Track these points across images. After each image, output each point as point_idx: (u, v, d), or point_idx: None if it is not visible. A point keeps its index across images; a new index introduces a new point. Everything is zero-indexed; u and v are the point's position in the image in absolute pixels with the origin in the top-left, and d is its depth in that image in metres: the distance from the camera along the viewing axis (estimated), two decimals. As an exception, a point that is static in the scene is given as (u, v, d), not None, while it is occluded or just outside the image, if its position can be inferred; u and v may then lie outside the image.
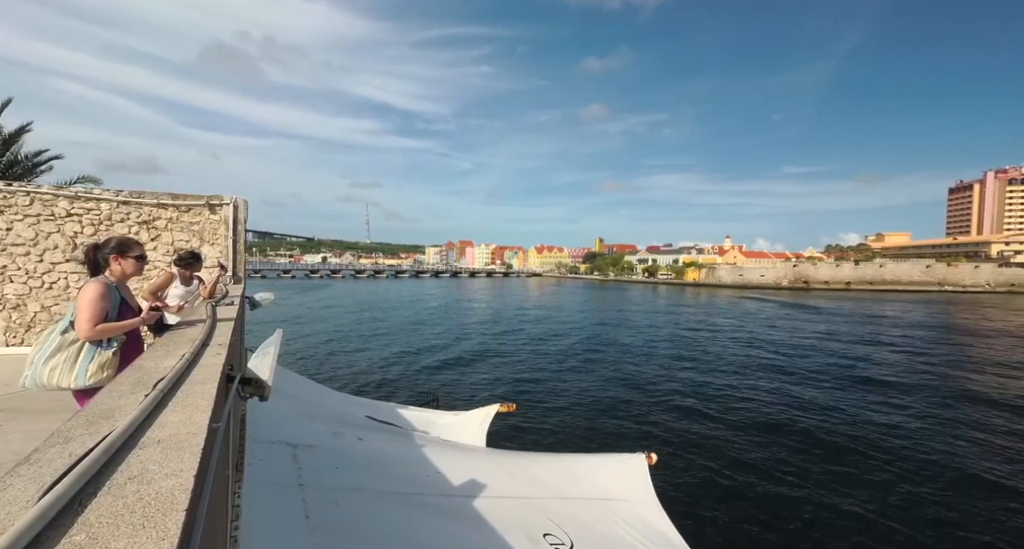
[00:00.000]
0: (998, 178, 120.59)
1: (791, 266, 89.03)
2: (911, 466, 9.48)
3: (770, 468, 9.33)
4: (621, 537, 3.63)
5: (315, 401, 5.76)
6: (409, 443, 4.88)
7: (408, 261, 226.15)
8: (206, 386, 1.27)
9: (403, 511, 2.98)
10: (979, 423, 12.15)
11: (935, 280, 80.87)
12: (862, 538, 7.01)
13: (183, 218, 6.37)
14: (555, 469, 4.62)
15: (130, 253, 2.66)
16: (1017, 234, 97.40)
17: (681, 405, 13.50)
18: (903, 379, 16.96)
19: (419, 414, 7.19)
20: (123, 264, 2.63)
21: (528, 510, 3.54)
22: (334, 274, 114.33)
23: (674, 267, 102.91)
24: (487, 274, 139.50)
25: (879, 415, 12.71)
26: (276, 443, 3.47)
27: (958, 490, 8.50)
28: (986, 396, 14.76)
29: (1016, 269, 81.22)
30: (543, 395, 14.36)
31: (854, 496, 8.24)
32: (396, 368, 17.79)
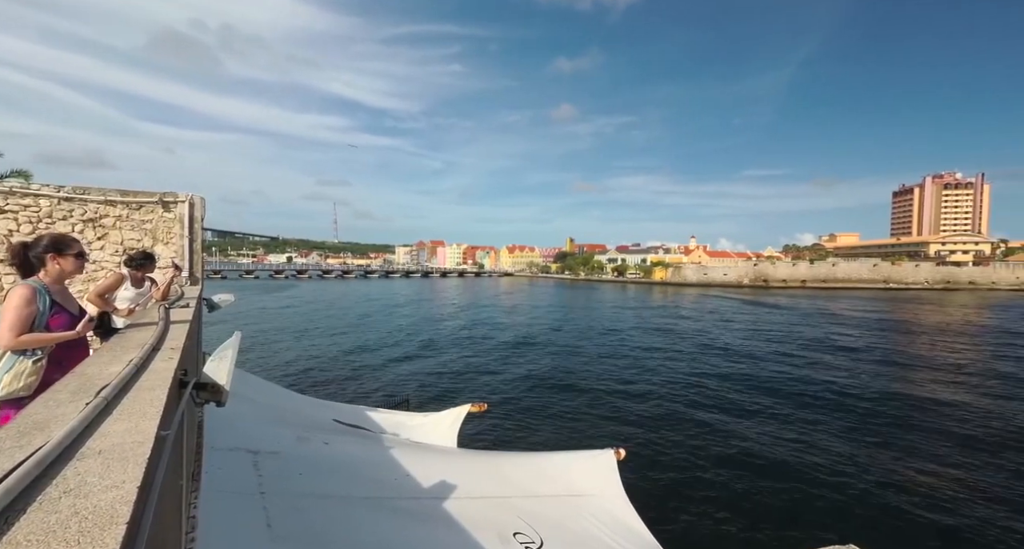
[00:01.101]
0: (935, 183, 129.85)
1: (752, 265, 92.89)
2: (864, 451, 10.08)
3: (733, 460, 9.70)
4: (590, 532, 3.69)
5: (279, 406, 5.56)
6: (378, 446, 4.78)
7: (378, 261, 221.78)
8: (155, 392, 1.20)
9: (371, 516, 2.92)
10: (919, 412, 13.07)
11: (881, 278, 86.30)
12: (821, 523, 7.39)
13: (134, 216, 6.02)
14: (526, 468, 4.64)
15: (68, 251, 2.47)
16: (952, 235, 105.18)
17: (649, 401, 13.84)
18: (852, 372, 18.01)
19: (389, 416, 7.06)
20: (61, 263, 2.45)
21: (499, 509, 3.54)
22: (300, 274, 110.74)
23: (642, 266, 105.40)
24: (459, 274, 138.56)
25: (835, 407, 13.44)
26: (236, 450, 3.33)
27: (912, 470, 9.10)
28: (922, 388, 15.89)
29: (951, 267, 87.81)
30: (515, 394, 14.41)
31: (815, 484, 8.68)
32: (366, 370, 17.42)
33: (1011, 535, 7.08)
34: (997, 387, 15.83)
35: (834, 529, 6.98)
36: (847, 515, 7.61)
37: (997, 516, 7.60)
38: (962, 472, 9.19)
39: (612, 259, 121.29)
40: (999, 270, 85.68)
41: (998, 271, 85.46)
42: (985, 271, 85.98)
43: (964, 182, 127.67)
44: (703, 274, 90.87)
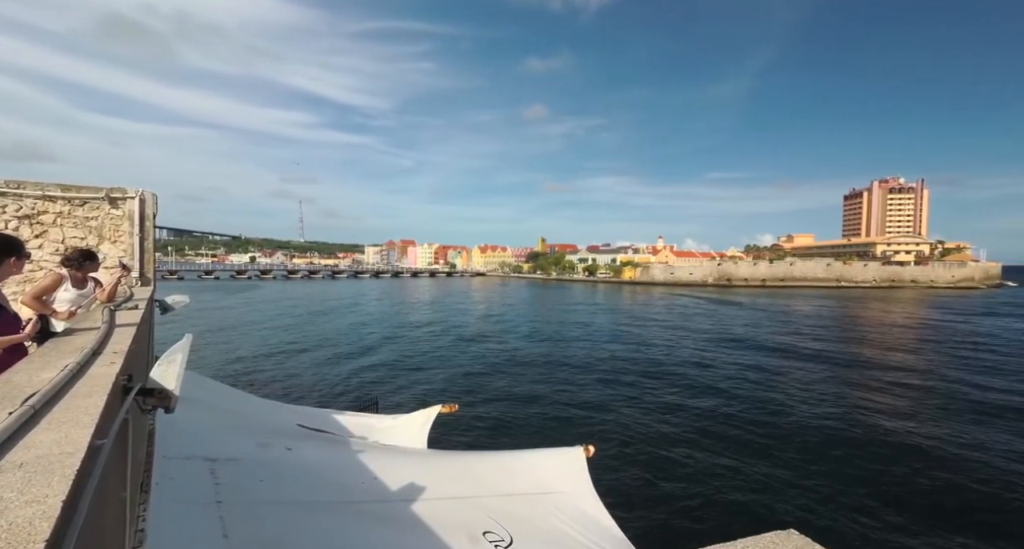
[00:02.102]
0: (881, 187, 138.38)
1: (716, 265, 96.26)
2: (809, 442, 10.62)
3: (695, 452, 10.01)
4: (560, 529, 3.71)
5: (239, 411, 5.34)
6: (344, 450, 4.66)
7: (346, 261, 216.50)
8: (91, 399, 1.12)
9: (336, 521, 2.84)
10: (871, 401, 13.89)
11: (834, 277, 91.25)
12: (786, 510, 7.72)
13: (77, 213, 5.63)
14: (496, 467, 4.63)
15: (23, 253, 2.32)
16: (896, 236, 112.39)
17: (618, 398, 14.11)
18: (805, 369, 18.95)
19: (357, 419, 6.90)
20: (16, 267, 2.29)
21: (468, 509, 3.51)
22: (264, 275, 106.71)
23: (612, 266, 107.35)
24: (430, 274, 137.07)
25: (794, 398, 14.10)
26: (191, 459, 3.17)
27: (865, 459, 9.64)
28: (869, 375, 16.92)
29: (896, 267, 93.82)
30: (486, 394, 14.37)
31: (764, 474, 9.06)
32: (333, 373, 16.97)
33: (943, 517, 7.62)
34: (932, 378, 17.03)
35: (778, 515, 7.39)
36: (791, 502, 8.03)
37: (929, 500, 8.17)
38: (896, 459, 9.83)
39: (583, 259, 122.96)
40: (937, 269, 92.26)
41: (936, 270, 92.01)
42: (925, 270, 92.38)
43: (907, 187, 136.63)
44: (670, 274, 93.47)
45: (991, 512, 7.74)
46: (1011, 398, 14.21)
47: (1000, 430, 11.46)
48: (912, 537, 7.03)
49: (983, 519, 7.53)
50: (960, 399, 14.16)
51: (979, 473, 9.07)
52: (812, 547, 1.35)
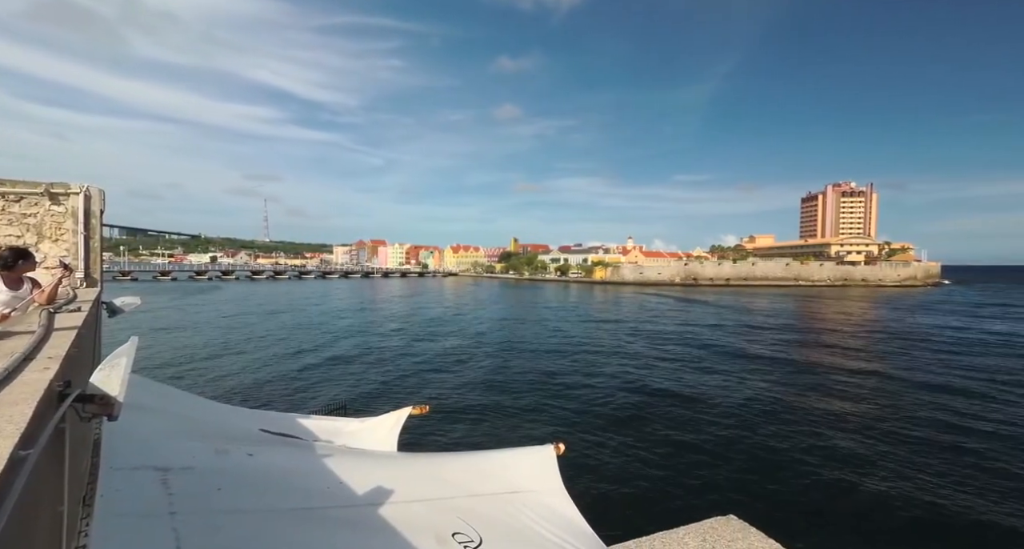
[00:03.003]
0: (835, 191, 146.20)
1: (683, 265, 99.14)
2: (763, 433, 11.10)
3: (658, 447, 10.29)
4: (530, 527, 3.73)
5: (196, 417, 5.09)
6: (310, 454, 4.53)
7: (314, 261, 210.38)
8: (17, 407, 1.04)
9: (298, 528, 2.75)
10: (813, 395, 14.63)
11: (792, 276, 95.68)
12: (728, 498, 8.02)
13: (12, 209, 5.23)
14: (466, 467, 4.60)
15: None
16: (848, 238, 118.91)
17: (589, 396, 14.32)
18: (764, 363, 19.79)
19: (323, 423, 6.71)
20: None
21: (437, 511, 3.48)
22: (225, 275, 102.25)
23: (584, 266, 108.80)
24: (401, 274, 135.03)
25: (750, 393, 14.68)
26: (142, 469, 3.00)
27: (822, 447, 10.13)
28: (816, 371, 17.83)
29: (848, 266, 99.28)
30: (458, 394, 14.29)
31: (725, 465, 9.41)
32: (299, 376, 16.46)
33: (873, 505, 8.12)
34: (873, 371, 18.12)
35: (723, 502, 7.74)
36: (737, 490, 8.46)
37: (867, 488, 8.69)
38: (837, 447, 10.42)
39: (555, 259, 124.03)
40: (885, 269, 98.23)
41: (884, 270, 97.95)
42: (874, 270, 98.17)
43: (858, 191, 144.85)
44: (639, 273, 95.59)
45: (921, 499, 8.31)
46: (938, 382, 15.30)
47: (929, 417, 12.32)
48: (841, 522, 7.47)
49: (914, 509, 8.07)
50: (897, 390, 15.13)
51: (909, 461, 9.71)
52: (747, 530, 1.43)
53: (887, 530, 7.26)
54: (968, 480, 8.78)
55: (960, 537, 7.09)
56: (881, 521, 7.49)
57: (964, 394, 14.59)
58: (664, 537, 1.48)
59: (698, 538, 1.44)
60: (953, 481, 8.75)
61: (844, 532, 7.21)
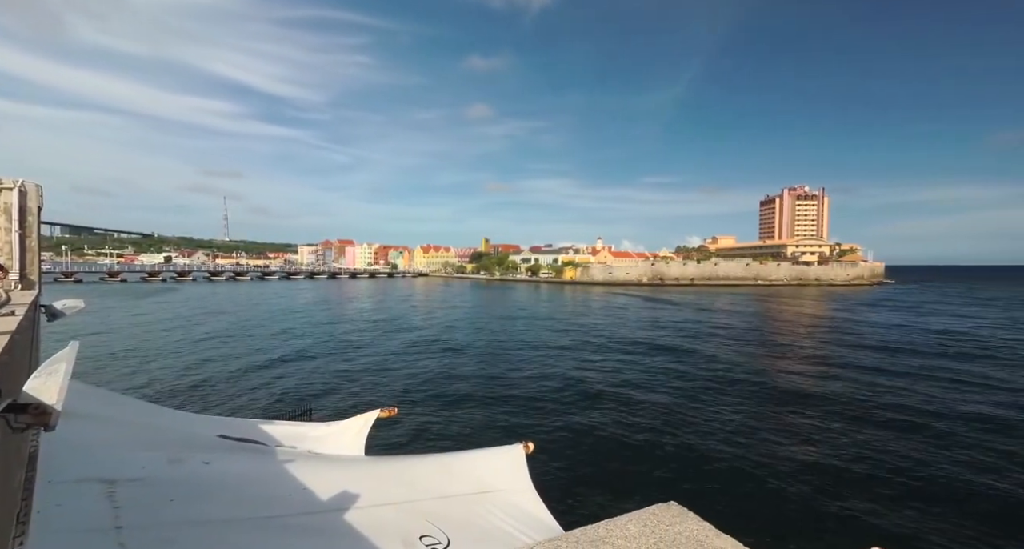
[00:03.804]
0: (791, 194, 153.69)
1: (650, 265, 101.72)
2: (715, 426, 11.56)
3: (624, 442, 10.53)
4: (499, 527, 3.74)
5: (148, 425, 4.83)
6: (271, 461, 4.38)
7: (278, 261, 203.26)
8: (-60, 417, 0.96)
9: (258, 537, 2.66)
10: (773, 388, 15.34)
11: (752, 276, 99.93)
12: (689, 488, 8.31)
13: (-64, 203, 4.80)
14: (434, 469, 4.57)
15: None
16: (803, 239, 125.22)
17: (556, 394, 14.48)
18: (726, 360, 20.58)
19: (288, 428, 6.50)
20: None
21: (405, 514, 3.44)
22: (181, 277, 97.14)
23: (554, 266, 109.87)
24: (370, 275, 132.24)
25: (704, 385, 15.24)
26: (85, 481, 2.83)
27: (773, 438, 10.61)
28: (767, 364, 18.71)
29: (803, 266, 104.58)
30: (427, 396, 14.14)
31: (673, 455, 9.74)
32: (262, 381, 15.86)
33: (809, 494, 8.62)
34: (823, 364, 19.20)
35: (669, 490, 8.06)
36: (681, 479, 8.88)
37: (807, 478, 9.20)
38: (775, 437, 10.99)
39: (526, 259, 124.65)
40: (836, 269, 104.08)
41: (835, 269, 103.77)
42: (826, 269, 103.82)
43: (811, 194, 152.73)
44: (608, 273, 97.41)
45: (856, 484, 8.87)
46: (874, 373, 16.39)
47: (865, 402, 13.18)
48: (778, 509, 7.89)
49: (848, 495, 8.61)
50: (838, 381, 16.09)
51: (845, 448, 10.36)
52: (685, 514, 1.52)
53: (815, 512, 7.70)
54: (898, 460, 9.43)
55: (887, 517, 7.61)
56: (812, 504, 7.94)
57: (897, 381, 15.66)
58: (608, 524, 1.54)
59: (639, 524, 1.51)
60: (882, 461, 9.38)
61: (779, 515, 7.60)
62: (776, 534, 7.05)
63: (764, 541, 6.68)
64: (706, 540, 1.36)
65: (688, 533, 1.42)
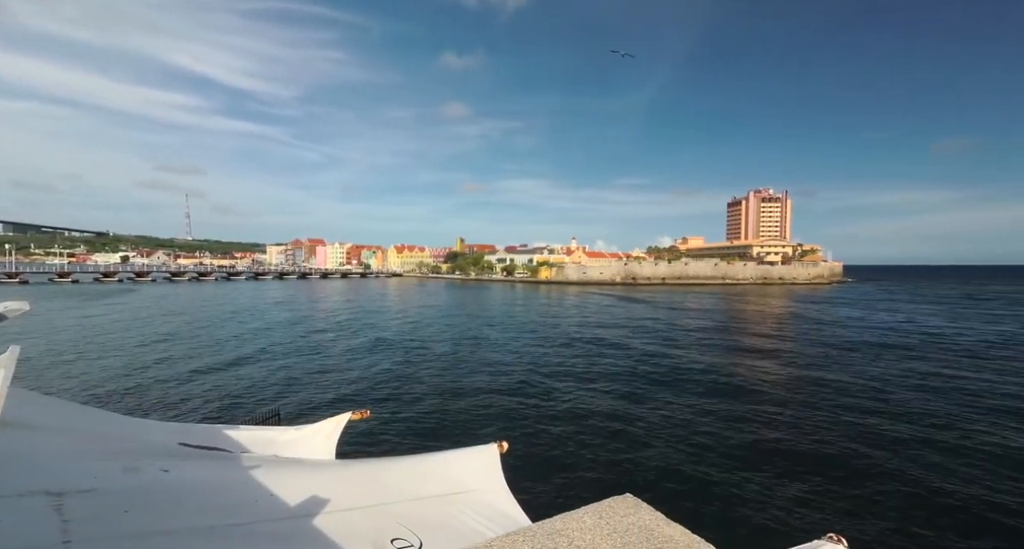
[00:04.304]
0: (756, 196, 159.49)
1: (623, 265, 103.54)
2: (675, 421, 11.91)
3: (595, 437, 10.70)
4: (472, 527, 3.73)
5: (101, 433, 4.57)
6: (236, 467, 4.23)
7: (245, 261, 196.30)
8: None
9: (221, 546, 2.57)
10: (742, 384, 15.90)
11: (720, 275, 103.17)
12: (647, 481, 8.52)
13: None
14: (408, 471, 4.52)
15: None
16: (768, 240, 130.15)
17: (532, 392, 14.56)
18: (695, 353, 21.17)
19: (254, 433, 6.27)
20: None
21: (376, 518, 3.39)
22: (139, 277, 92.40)
23: (529, 266, 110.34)
24: (342, 275, 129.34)
25: (685, 382, 15.65)
26: (28, 495, 2.66)
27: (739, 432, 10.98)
28: (730, 360, 19.40)
29: (767, 266, 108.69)
30: (400, 397, 13.97)
31: (629, 449, 9.97)
32: (227, 383, 15.29)
33: (764, 486, 9.01)
34: (786, 359, 20.04)
35: (627, 483, 8.29)
36: (634, 471, 9.15)
37: (760, 471, 9.61)
38: (736, 430, 11.44)
39: (501, 259, 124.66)
40: (798, 268, 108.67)
41: (797, 269, 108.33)
42: (789, 269, 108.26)
43: (775, 197, 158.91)
44: (583, 273, 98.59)
45: (810, 473, 9.32)
46: (831, 366, 17.26)
47: (820, 396, 13.86)
48: (732, 498, 8.22)
49: (804, 487, 9.03)
50: (797, 374, 16.84)
51: (798, 437, 10.86)
52: (640, 505, 1.58)
53: (770, 501, 8.05)
54: (849, 448, 9.96)
55: (837, 506, 8.02)
56: (766, 494, 8.29)
57: (850, 373, 16.54)
58: (565, 517, 1.60)
59: (596, 516, 1.57)
60: (835, 449, 9.89)
61: (733, 505, 7.90)
62: (728, 523, 7.31)
63: (717, 529, 6.92)
64: (656, 529, 1.41)
65: (641, 523, 1.47)
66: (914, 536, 7.08)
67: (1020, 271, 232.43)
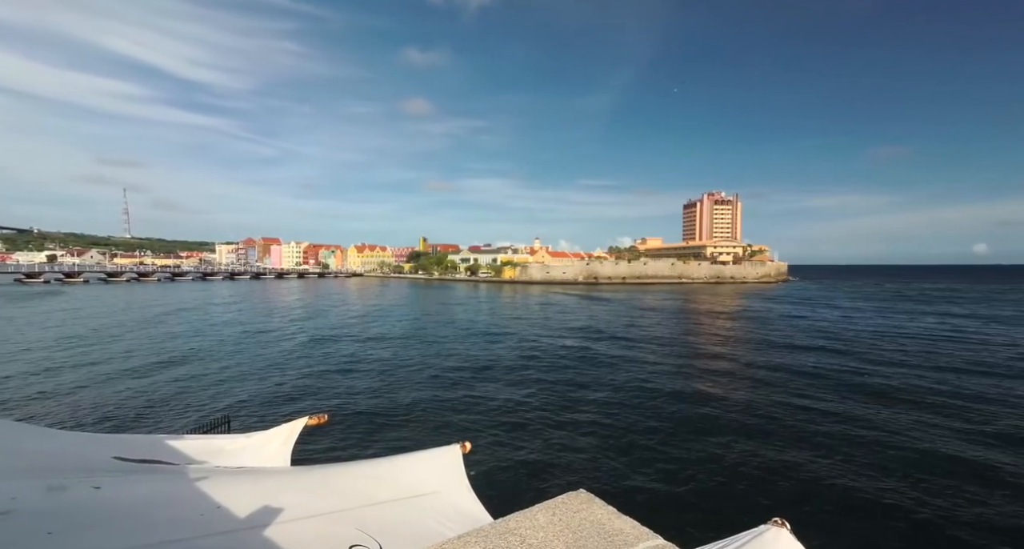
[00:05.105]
0: (709, 198, 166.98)
1: (585, 264, 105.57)
2: (639, 415, 12.33)
3: (548, 435, 10.85)
4: (433, 529, 3.67)
5: (18, 449, 4.16)
6: (180, 480, 3.97)
7: (192, 261, 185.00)
8: None
9: (160, 565, 2.40)
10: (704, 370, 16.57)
11: (677, 274, 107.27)
12: (600, 477, 8.76)
13: None
14: (368, 476, 4.39)
15: None
16: (720, 241, 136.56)
17: (496, 390, 14.56)
18: (651, 349, 21.89)
19: (201, 442, 5.91)
20: None
21: (334, 525, 3.27)
22: (69, 278, 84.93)
23: (493, 266, 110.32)
24: (299, 275, 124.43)
25: (640, 376, 16.13)
26: (-70, 522, 2.38)
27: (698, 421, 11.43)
28: (702, 346, 20.26)
29: (720, 266, 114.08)
30: (360, 400, 13.59)
31: (585, 445, 10.24)
32: (171, 391, 14.33)
33: (705, 478, 9.50)
34: (736, 355, 21.13)
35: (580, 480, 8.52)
36: (593, 468, 9.33)
37: (705, 463, 10.11)
38: (678, 428, 12.00)
39: (465, 259, 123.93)
40: (747, 267, 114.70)
41: (747, 268, 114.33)
42: (740, 269, 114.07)
43: (727, 199, 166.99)
44: (546, 273, 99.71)
45: (764, 470, 9.89)
46: (775, 359, 18.40)
47: (775, 388, 14.75)
48: (681, 490, 8.64)
49: (753, 482, 9.58)
50: (745, 370, 17.82)
51: (745, 427, 11.52)
52: (593, 501, 1.62)
53: (717, 489, 8.49)
54: (791, 434, 10.64)
55: (789, 497, 8.56)
56: (714, 481, 8.73)
57: (789, 367, 17.67)
58: (519, 516, 1.62)
59: (549, 513, 1.59)
60: (777, 436, 10.54)
61: (683, 496, 8.28)
62: (678, 513, 7.59)
63: (667, 520, 7.19)
64: (608, 523, 1.44)
65: (593, 518, 1.50)
66: (851, 515, 7.64)
67: (941, 270, 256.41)
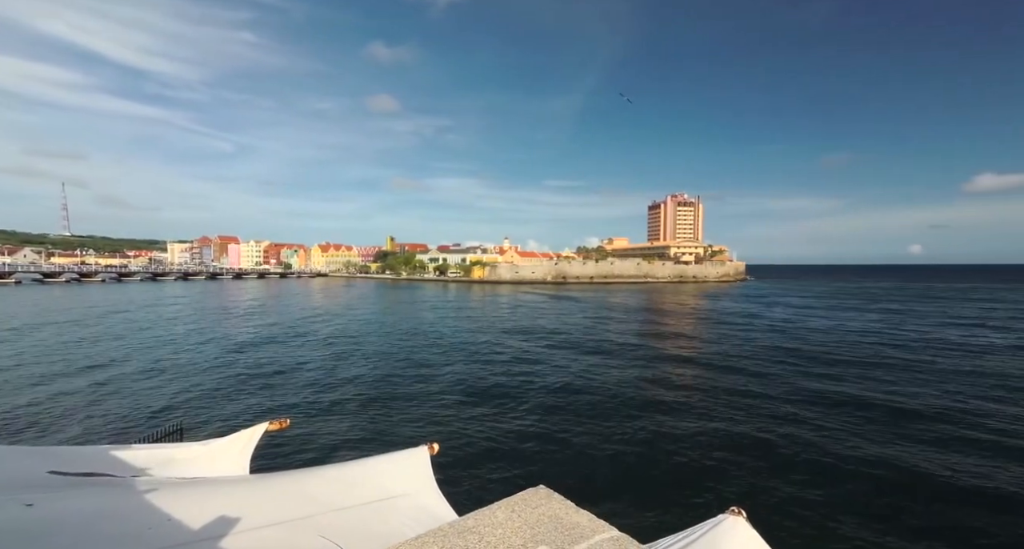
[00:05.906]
0: (673, 200, 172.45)
1: (554, 264, 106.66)
2: (601, 411, 12.62)
3: (512, 432, 10.93)
4: (401, 532, 3.62)
5: (-60, 468, 3.80)
6: (125, 493, 3.73)
7: (140, 260, 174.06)
8: None
9: (102, 584, 2.25)
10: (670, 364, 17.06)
11: (642, 274, 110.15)
12: (561, 473, 8.91)
13: None
14: (332, 481, 4.27)
15: None
16: (683, 241, 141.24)
17: (462, 391, 14.49)
18: (610, 348, 22.37)
19: (152, 452, 5.57)
20: None
21: (295, 532, 3.17)
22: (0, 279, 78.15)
23: (462, 266, 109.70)
24: (259, 275, 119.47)
25: (602, 373, 16.46)
26: None
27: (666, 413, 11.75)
28: (664, 345, 20.87)
29: (683, 266, 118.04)
30: (323, 403, 13.21)
31: (577, 443, 10.42)
32: (116, 398, 13.45)
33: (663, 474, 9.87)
34: (702, 348, 21.94)
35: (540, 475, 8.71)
36: (552, 464, 9.50)
37: (663, 457, 10.50)
38: (640, 422, 12.41)
39: (434, 259, 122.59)
40: (708, 267, 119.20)
41: (708, 268, 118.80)
42: (701, 268, 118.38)
43: (690, 201, 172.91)
44: (515, 273, 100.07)
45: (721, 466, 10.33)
46: (732, 354, 19.25)
47: (733, 380, 15.42)
48: (640, 483, 8.94)
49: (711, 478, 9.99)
50: (703, 366, 18.56)
51: (703, 421, 12.02)
52: (552, 497, 1.66)
53: (675, 481, 8.83)
54: (749, 426, 11.17)
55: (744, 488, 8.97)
56: (672, 474, 9.07)
57: (745, 362, 18.54)
58: (478, 514, 1.65)
59: (508, 510, 1.62)
60: (736, 429, 11.04)
61: (641, 488, 8.55)
62: (637, 505, 7.80)
63: (626, 513, 7.39)
64: (566, 517, 1.47)
65: (551, 513, 1.52)
66: (804, 504, 8.07)
67: (882, 270, 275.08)
